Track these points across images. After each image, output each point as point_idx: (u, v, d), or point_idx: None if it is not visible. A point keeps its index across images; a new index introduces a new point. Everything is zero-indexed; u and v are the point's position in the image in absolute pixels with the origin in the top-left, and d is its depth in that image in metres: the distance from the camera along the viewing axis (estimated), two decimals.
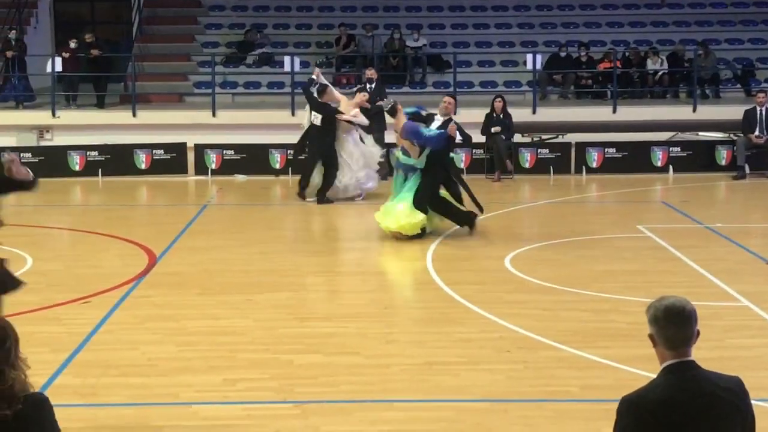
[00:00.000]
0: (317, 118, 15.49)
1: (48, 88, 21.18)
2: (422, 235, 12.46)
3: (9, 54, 21.28)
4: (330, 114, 15.35)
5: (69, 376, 7.40)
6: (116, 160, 18.32)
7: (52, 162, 18.32)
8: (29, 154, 18.52)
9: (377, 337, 8.56)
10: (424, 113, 13.36)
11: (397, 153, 13.23)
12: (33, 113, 20.95)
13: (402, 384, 7.43)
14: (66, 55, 21.11)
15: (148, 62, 23.27)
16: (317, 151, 15.63)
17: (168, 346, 8.30)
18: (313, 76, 16.30)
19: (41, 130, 20.41)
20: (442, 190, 12.89)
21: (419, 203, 12.37)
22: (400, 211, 12.36)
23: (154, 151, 18.46)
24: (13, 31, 21.70)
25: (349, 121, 15.45)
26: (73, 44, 21.42)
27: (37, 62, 21.73)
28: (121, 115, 20.82)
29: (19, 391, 3.98)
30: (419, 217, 12.35)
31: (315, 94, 15.58)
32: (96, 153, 18.38)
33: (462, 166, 18.28)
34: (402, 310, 9.54)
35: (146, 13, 24.58)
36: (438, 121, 13.05)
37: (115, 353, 8.09)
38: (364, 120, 15.62)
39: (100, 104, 21.43)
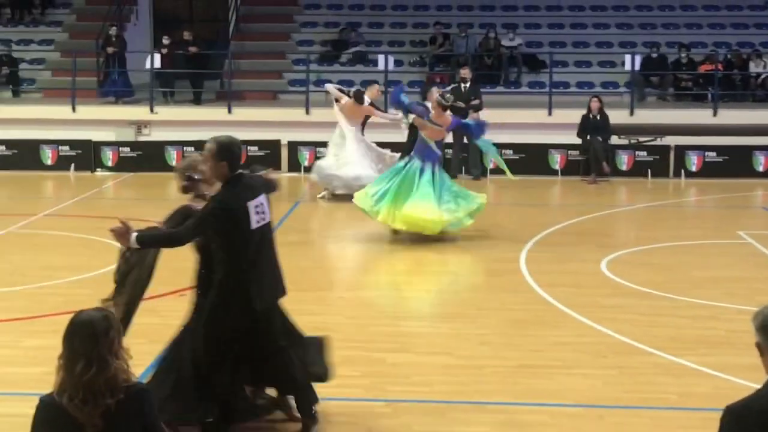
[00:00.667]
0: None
1: (146, 85, 21.54)
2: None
3: (110, 50, 21.70)
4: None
5: None
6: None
7: (149, 157, 18.64)
8: (128, 149, 18.89)
9: (470, 338, 8.47)
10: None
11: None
12: (132, 109, 21.33)
13: (495, 386, 7.32)
14: (164, 51, 21.46)
15: (243, 60, 23.50)
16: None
17: None
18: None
19: (139, 125, 20.75)
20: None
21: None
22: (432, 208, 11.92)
23: (248, 148, 18.62)
24: (114, 28, 22.12)
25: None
26: (169, 41, 21.76)
27: (136, 59, 22.12)
28: (217, 112, 21.05)
29: (122, 380, 4.00)
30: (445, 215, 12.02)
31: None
32: (192, 148, 18.60)
33: (557, 167, 18.06)
34: (495, 312, 9.41)
35: (243, 11, 24.84)
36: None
37: None
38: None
39: (197, 101, 21.72)
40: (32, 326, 8.70)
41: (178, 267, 11.03)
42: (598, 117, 17.87)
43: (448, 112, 12.66)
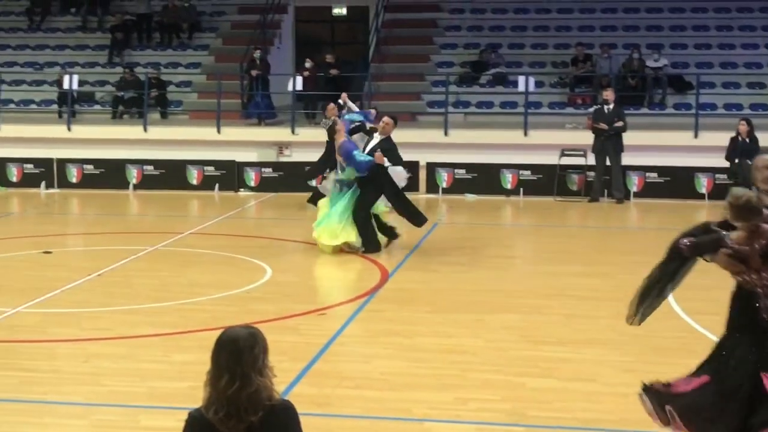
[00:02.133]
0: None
1: (288, 106, 21.94)
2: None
3: (253, 73, 22.21)
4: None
5: (305, 385, 7.52)
6: None
7: (290, 177, 18.93)
8: (270, 169, 19.24)
9: (614, 365, 8.26)
10: (368, 126, 13.89)
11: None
12: (274, 130, 21.74)
13: (641, 415, 7.09)
14: (306, 74, 21.82)
15: (383, 82, 23.69)
16: None
17: (400, 362, 8.30)
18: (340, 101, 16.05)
19: (281, 146, 21.13)
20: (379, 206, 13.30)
21: (354, 216, 12.88)
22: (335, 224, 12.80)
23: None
24: (258, 51, 22.64)
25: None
26: (311, 64, 22.12)
27: (279, 81, 22.57)
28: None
29: (264, 398, 4.03)
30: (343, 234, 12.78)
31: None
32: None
33: (704, 191, 17.57)
34: (639, 338, 9.13)
35: (383, 33, 25.07)
36: (375, 139, 13.30)
37: (350, 365, 8.18)
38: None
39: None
40: (180, 341, 8.89)
41: (315, 286, 11.23)
42: (748, 140, 17.30)
43: (340, 135, 13.28)
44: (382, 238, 13.29)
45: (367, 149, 13.19)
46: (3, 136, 21.44)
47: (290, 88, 21.50)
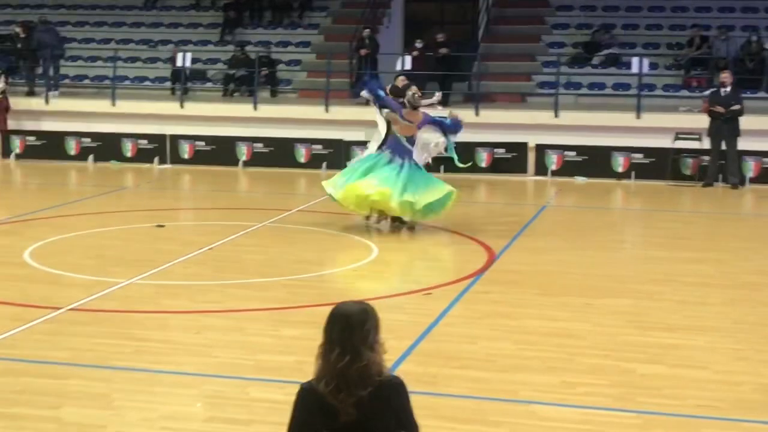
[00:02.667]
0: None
1: None
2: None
3: (362, 52, 22.26)
4: None
5: (411, 363, 7.52)
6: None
7: None
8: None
9: (726, 353, 8.05)
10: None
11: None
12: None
13: (754, 404, 6.92)
14: (415, 53, 21.78)
15: (493, 62, 23.49)
16: None
17: (506, 343, 8.25)
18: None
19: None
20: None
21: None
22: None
23: (495, 150, 18.60)
24: (367, 30, 22.67)
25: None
26: (419, 44, 22.07)
27: (387, 60, 22.58)
28: (465, 114, 20.95)
29: (375, 373, 4.04)
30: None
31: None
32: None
33: None
34: (753, 327, 8.90)
35: (494, 13, 24.83)
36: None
37: (455, 346, 8.15)
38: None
39: (445, 102, 21.87)
40: (288, 316, 9.00)
41: (421, 265, 11.22)
42: None
43: (421, 110, 13.05)
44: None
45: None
46: (118, 112, 21.95)
47: (399, 67, 21.47)
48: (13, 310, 8.95)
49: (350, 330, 4.01)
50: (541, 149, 18.40)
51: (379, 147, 13.44)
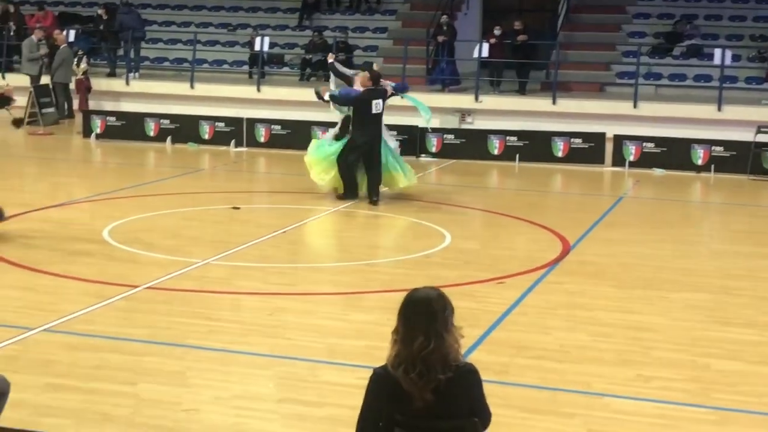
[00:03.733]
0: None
1: (473, 73, 21.83)
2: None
3: (440, 39, 22.19)
4: None
5: (483, 352, 7.48)
6: (534, 147, 18.48)
7: (472, 145, 18.87)
8: (452, 136, 19.20)
9: None
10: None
11: None
12: (457, 96, 21.69)
13: None
14: (492, 41, 21.64)
15: (571, 51, 23.25)
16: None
17: (580, 335, 8.16)
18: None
19: (463, 113, 21.08)
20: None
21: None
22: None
23: (572, 140, 18.41)
24: (445, 17, 22.58)
25: None
26: (497, 31, 21.92)
27: (464, 47, 22.47)
28: (541, 102, 20.98)
29: (453, 358, 4.05)
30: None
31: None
32: (515, 138, 18.66)
33: None
34: None
35: (574, 1, 24.56)
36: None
37: (528, 336, 8.08)
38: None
39: (522, 91, 21.74)
40: (360, 301, 9.01)
41: (495, 255, 11.13)
42: None
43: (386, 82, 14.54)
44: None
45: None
46: (197, 95, 22.23)
47: (476, 54, 21.36)
48: (92, 287, 9.10)
49: (432, 315, 4.02)
50: (618, 140, 18.16)
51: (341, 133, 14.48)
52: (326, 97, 14.41)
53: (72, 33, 23.60)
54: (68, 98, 22.48)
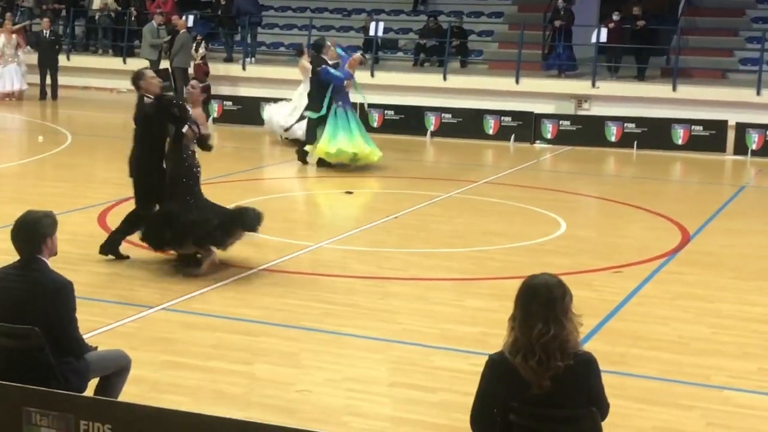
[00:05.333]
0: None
1: (590, 59, 21.46)
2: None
3: (557, 23, 21.87)
4: None
5: (599, 342, 7.33)
6: (652, 134, 18.09)
7: (588, 131, 18.56)
8: (568, 122, 18.93)
9: None
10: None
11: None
12: (573, 82, 21.37)
13: None
14: (611, 26, 21.23)
15: (693, 36, 22.64)
16: None
17: (699, 326, 7.94)
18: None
19: (580, 99, 20.75)
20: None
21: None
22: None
23: (692, 127, 17.94)
24: (563, 1, 22.24)
25: None
26: (616, 16, 21.51)
27: (582, 32, 22.11)
28: (661, 89, 20.52)
29: (572, 345, 3.98)
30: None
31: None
32: (633, 125, 18.28)
33: None
34: None
35: None
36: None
37: (646, 326, 7.90)
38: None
39: (641, 77, 21.29)
40: (473, 288, 8.94)
41: (612, 243, 10.92)
42: None
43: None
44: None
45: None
46: None
47: (594, 39, 21.01)
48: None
49: (552, 302, 3.96)
50: (741, 128, 17.62)
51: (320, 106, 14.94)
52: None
53: (191, 18, 24.04)
54: (187, 83, 22.89)
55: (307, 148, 15.18)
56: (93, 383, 5.33)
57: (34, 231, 5.08)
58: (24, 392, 4.54)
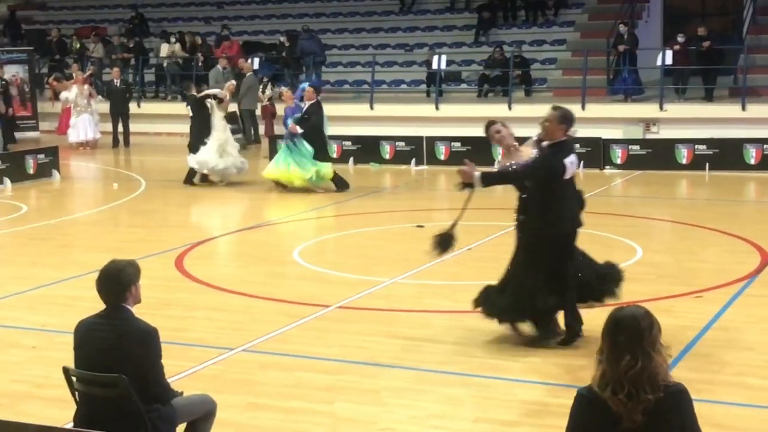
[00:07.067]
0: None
1: (656, 81, 21.26)
2: None
3: (620, 48, 21.73)
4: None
5: (684, 369, 7.20)
6: (724, 154, 17.84)
7: (658, 155, 18.38)
8: (637, 147, 18.75)
9: None
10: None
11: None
12: (640, 106, 21.18)
13: None
14: (676, 48, 21.04)
15: (759, 54, 22.31)
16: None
17: None
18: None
19: (648, 122, 20.54)
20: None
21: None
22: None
23: (764, 146, 17.65)
24: (624, 26, 22.10)
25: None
26: (681, 38, 21.32)
27: (646, 56, 21.93)
28: (729, 109, 20.23)
29: (662, 378, 3.92)
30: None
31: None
32: (704, 147, 18.05)
33: None
34: None
35: (760, 2, 23.59)
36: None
37: (731, 351, 7.76)
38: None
39: (709, 97, 21.03)
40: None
41: (689, 267, 10.75)
42: None
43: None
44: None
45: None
46: (376, 116, 22.51)
47: (659, 62, 20.82)
48: (286, 307, 9.30)
49: (640, 334, 3.90)
50: None
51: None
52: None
53: (256, 61, 24.36)
54: (255, 124, 23.21)
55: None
56: (180, 428, 5.38)
57: (118, 280, 5.17)
58: None
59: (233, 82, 18.67)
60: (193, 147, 17.08)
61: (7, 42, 28.72)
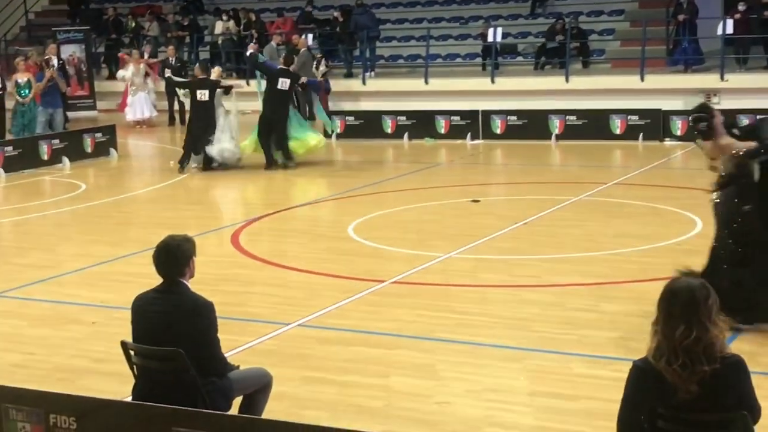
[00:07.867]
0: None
1: (716, 51, 20.89)
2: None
3: (680, 17, 21.37)
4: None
5: (745, 342, 7.01)
6: None
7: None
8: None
9: None
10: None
11: None
12: (701, 77, 20.84)
13: None
14: (737, 17, 20.63)
15: None
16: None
17: None
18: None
19: (708, 93, 20.19)
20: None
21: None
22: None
23: None
24: None
25: None
26: (742, 6, 20.89)
27: (707, 25, 21.54)
28: None
29: (718, 349, 3.87)
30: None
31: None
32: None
33: None
34: None
35: None
36: None
37: None
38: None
39: None
40: (609, 292, 8.78)
41: None
42: None
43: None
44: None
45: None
46: (431, 90, 22.43)
47: (720, 32, 20.44)
48: (342, 283, 9.32)
49: (695, 305, 3.84)
50: None
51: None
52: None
53: (310, 36, 24.35)
54: (309, 100, 23.23)
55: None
56: (237, 401, 5.42)
57: (176, 254, 5.20)
58: (172, 413, 4.64)
59: (219, 68, 17.93)
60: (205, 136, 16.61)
61: (67, 22, 29.04)
